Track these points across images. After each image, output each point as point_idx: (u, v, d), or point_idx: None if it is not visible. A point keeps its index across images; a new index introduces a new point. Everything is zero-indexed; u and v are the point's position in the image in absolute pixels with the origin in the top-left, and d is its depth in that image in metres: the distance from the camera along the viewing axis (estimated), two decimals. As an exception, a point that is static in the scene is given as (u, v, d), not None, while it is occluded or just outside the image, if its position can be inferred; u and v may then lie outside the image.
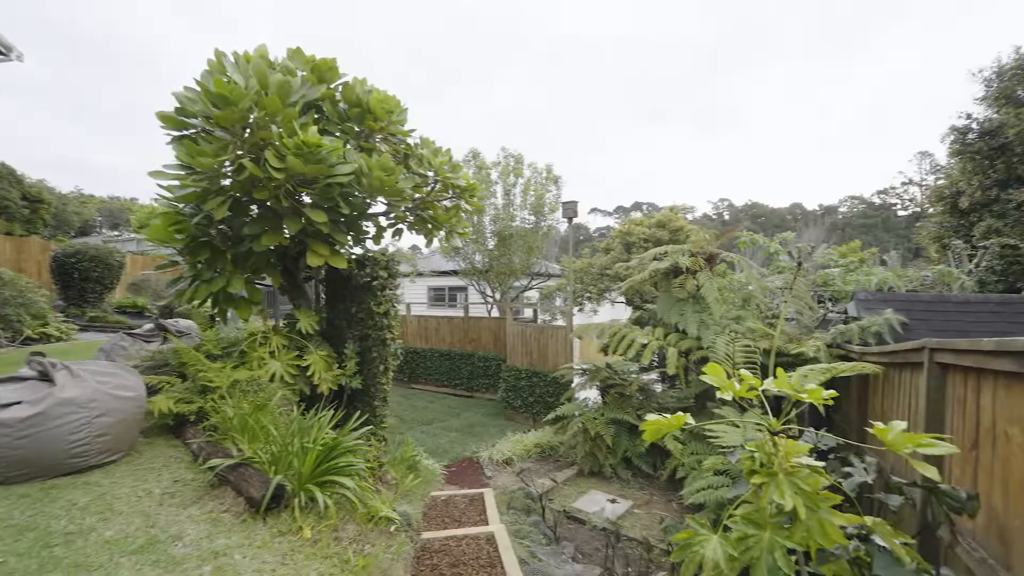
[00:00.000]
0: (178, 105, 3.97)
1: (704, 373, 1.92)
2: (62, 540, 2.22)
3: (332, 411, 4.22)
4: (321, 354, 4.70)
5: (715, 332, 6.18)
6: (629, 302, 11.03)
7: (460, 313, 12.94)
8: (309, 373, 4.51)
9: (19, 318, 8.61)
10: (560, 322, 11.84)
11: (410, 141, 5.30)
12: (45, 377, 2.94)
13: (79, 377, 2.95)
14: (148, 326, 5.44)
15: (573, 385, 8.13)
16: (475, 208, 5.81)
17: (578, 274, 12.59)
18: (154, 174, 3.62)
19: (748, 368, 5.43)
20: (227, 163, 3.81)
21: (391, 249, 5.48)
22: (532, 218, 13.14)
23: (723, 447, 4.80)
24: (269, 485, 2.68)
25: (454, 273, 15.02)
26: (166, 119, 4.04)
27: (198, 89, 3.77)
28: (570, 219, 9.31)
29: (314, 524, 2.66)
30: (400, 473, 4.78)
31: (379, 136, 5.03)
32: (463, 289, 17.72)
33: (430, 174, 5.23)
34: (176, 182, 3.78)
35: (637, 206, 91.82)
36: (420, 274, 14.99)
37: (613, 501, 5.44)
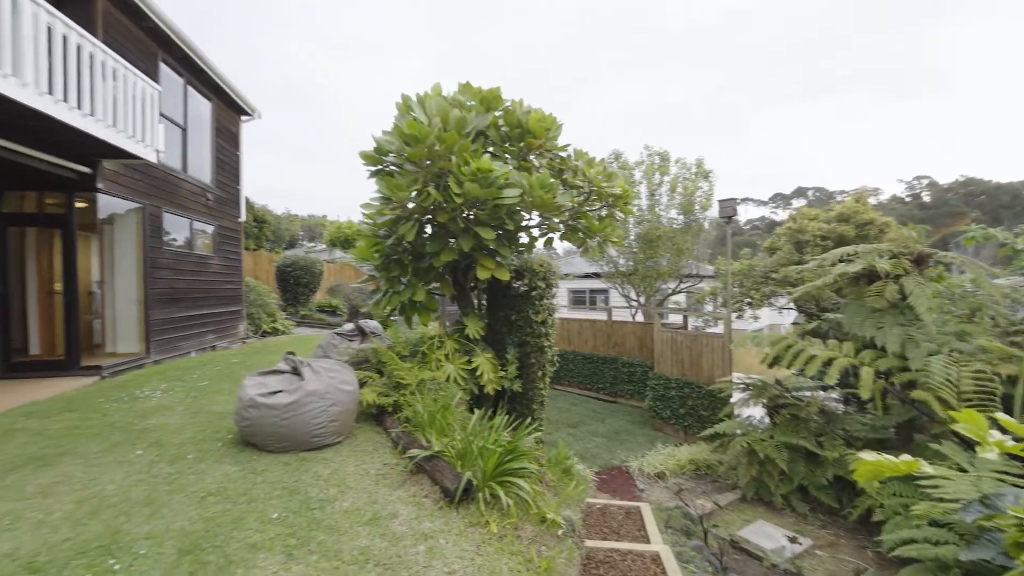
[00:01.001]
0: (375, 145, 4.71)
1: (911, 399, 1.61)
2: (317, 505, 2.82)
3: (494, 411, 4.59)
4: (487, 356, 5.11)
5: (928, 351, 5.08)
6: (801, 309, 9.68)
7: (602, 316, 12.83)
8: (477, 375, 4.95)
9: (259, 316, 11.08)
10: (715, 329, 10.95)
11: (562, 154, 5.47)
12: (296, 372, 3.77)
13: (318, 373, 3.71)
14: (349, 326, 6.55)
15: (733, 400, 7.47)
16: (628, 215, 5.72)
17: (737, 277, 11.48)
18: (364, 206, 4.36)
19: (983, 400, 4.35)
20: (414, 191, 4.40)
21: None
22: (680, 217, 12.40)
23: (946, 498, 3.91)
24: (460, 480, 3.03)
25: (595, 276, 14.96)
26: (367, 157, 4.82)
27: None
28: (728, 218, 8.54)
29: (498, 520, 2.92)
30: (556, 476, 4.95)
31: (535, 152, 5.28)
32: (604, 292, 17.54)
33: (583, 184, 5.31)
34: (375, 210, 4.50)
35: (801, 192, 79.83)
36: (563, 276, 15.24)
37: (793, 539, 4.84)
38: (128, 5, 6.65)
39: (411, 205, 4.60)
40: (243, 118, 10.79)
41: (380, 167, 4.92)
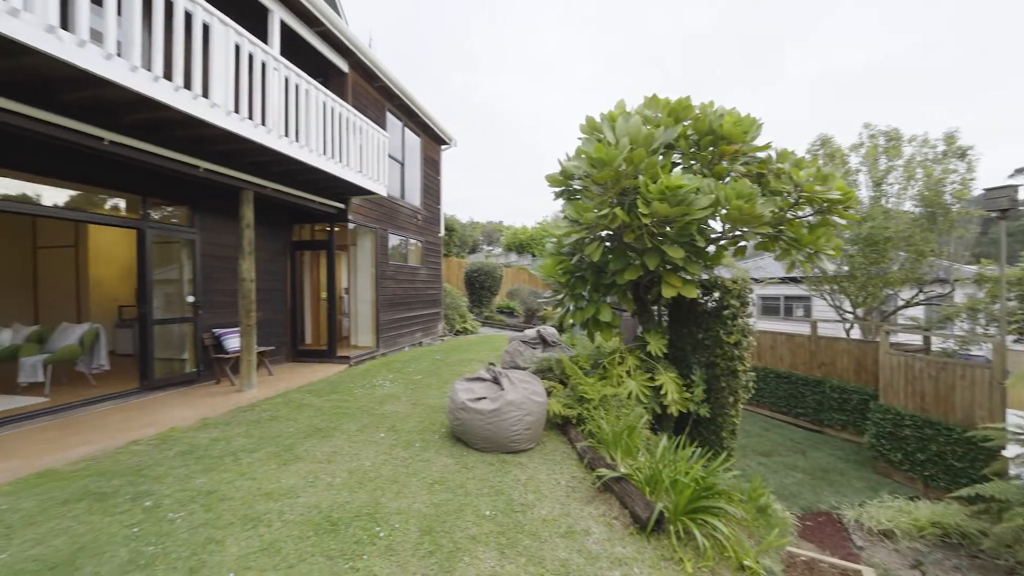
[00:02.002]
0: (561, 169, 4.97)
1: None
2: (519, 509, 3.15)
3: (678, 434, 4.39)
4: (671, 376, 4.93)
5: None
6: None
7: (803, 329, 11.05)
8: (661, 394, 4.82)
9: (453, 317, 12.68)
10: (980, 354, 8.41)
11: (761, 155, 4.91)
12: (496, 381, 4.25)
13: (514, 384, 4.13)
14: (532, 333, 7.06)
15: (1007, 455, 5.67)
16: (851, 220, 4.84)
17: (1014, 287, 8.61)
18: (552, 227, 4.65)
19: None
20: (598, 211, 4.51)
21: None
22: (917, 210, 9.86)
23: None
24: (651, 509, 3.02)
25: (794, 280, 12.94)
26: (552, 180, 5.12)
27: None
28: (1003, 211, 6.46)
29: (693, 560, 2.82)
30: (750, 514, 4.49)
31: (729, 158, 4.86)
32: (804, 300, 15.05)
33: (789, 189, 4.68)
34: (563, 231, 4.75)
35: None
36: (756, 282, 13.60)
37: None
38: (367, 72, 8.36)
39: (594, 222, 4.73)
40: (442, 147, 12.53)
41: (565, 188, 5.18)
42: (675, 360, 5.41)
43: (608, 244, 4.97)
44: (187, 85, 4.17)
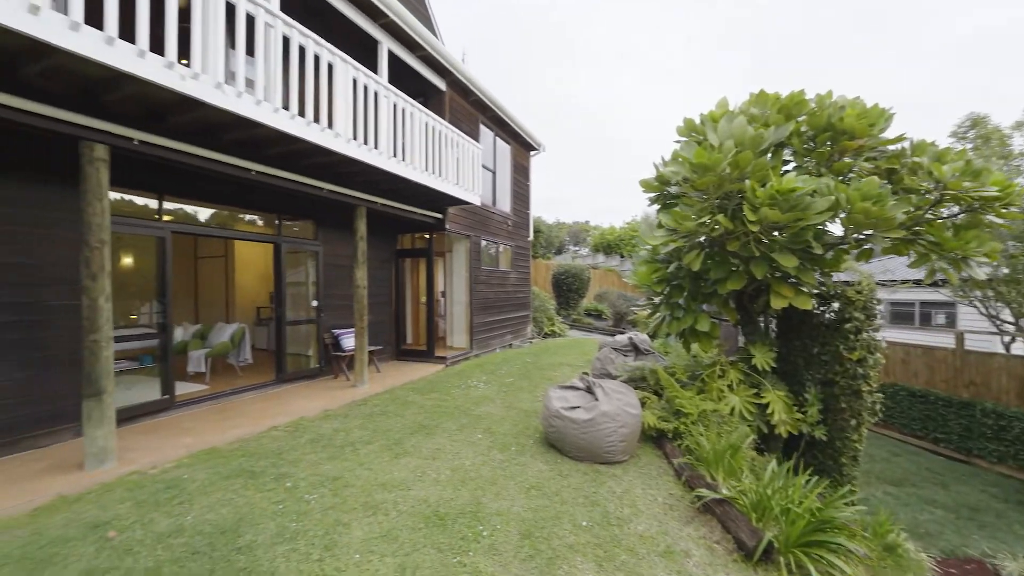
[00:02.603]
0: (657, 174, 4.84)
1: None
2: (616, 522, 3.16)
3: (787, 457, 4.06)
4: (779, 394, 4.58)
5: None
6: None
7: (945, 341, 9.52)
8: (768, 412, 4.49)
9: (541, 319, 12.83)
10: None
11: (892, 147, 4.35)
12: (590, 391, 4.28)
13: (608, 395, 4.12)
14: (623, 339, 6.94)
15: None
16: (1013, 220, 4.11)
17: None
18: (649, 238, 4.56)
19: None
20: (698, 219, 4.32)
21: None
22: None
23: None
24: (758, 537, 2.86)
25: (933, 284, 11.15)
26: (647, 185, 5.00)
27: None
28: None
29: (809, 598, 2.62)
30: (874, 552, 4.02)
31: (852, 154, 4.38)
32: (947, 307, 12.92)
33: (928, 186, 4.10)
34: (660, 240, 4.62)
35: None
36: (883, 285, 12.02)
37: None
38: (462, 88, 8.81)
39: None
40: (532, 153, 12.76)
41: (660, 193, 5.04)
42: (784, 375, 5.00)
43: (708, 251, 4.75)
44: (316, 119, 4.77)
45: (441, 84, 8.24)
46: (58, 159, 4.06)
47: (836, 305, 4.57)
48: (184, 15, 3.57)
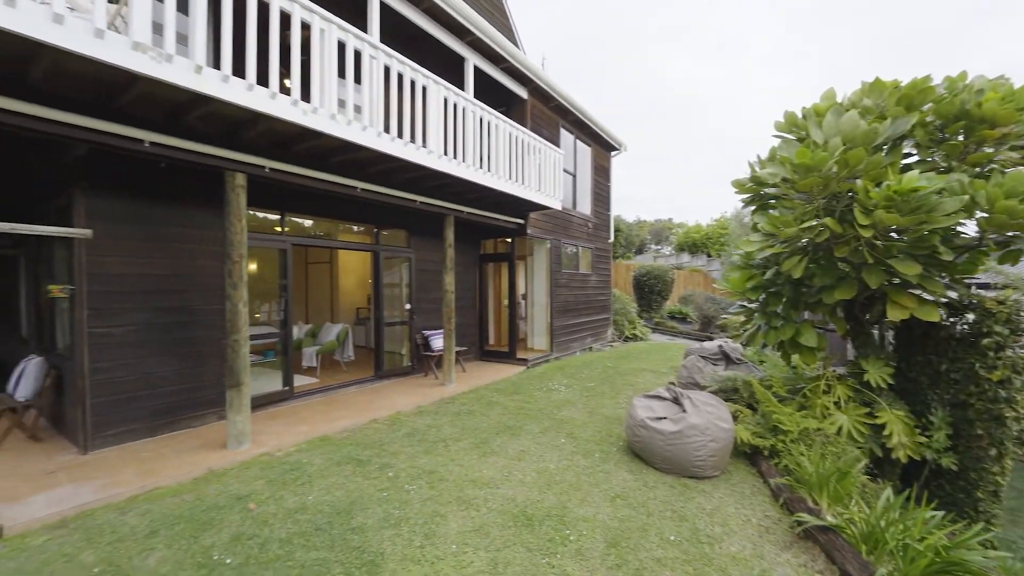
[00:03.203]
0: (751, 175, 4.58)
1: None
2: (706, 540, 3.08)
3: (906, 486, 3.63)
4: (899, 414, 4.12)
5: None
6: None
7: None
8: (885, 433, 4.06)
9: (622, 323, 12.59)
10: None
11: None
12: (677, 402, 4.18)
13: (697, 407, 4.00)
14: (712, 347, 6.62)
15: None
16: None
17: None
18: (743, 243, 4.34)
19: None
20: (800, 223, 4.03)
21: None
22: None
23: None
24: (869, 572, 2.63)
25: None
26: (740, 187, 4.75)
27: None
28: None
29: (933, 646, 2.37)
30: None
31: (991, 144, 3.82)
32: None
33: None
34: (756, 245, 4.38)
35: None
36: None
37: None
38: (543, 94, 8.94)
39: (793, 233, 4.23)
40: (612, 153, 12.56)
41: (755, 195, 4.76)
42: (904, 394, 4.48)
43: (812, 257, 4.40)
44: (412, 139, 5.17)
45: (523, 92, 8.44)
46: (206, 187, 4.83)
47: (971, 316, 4.00)
48: (301, 47, 4.08)
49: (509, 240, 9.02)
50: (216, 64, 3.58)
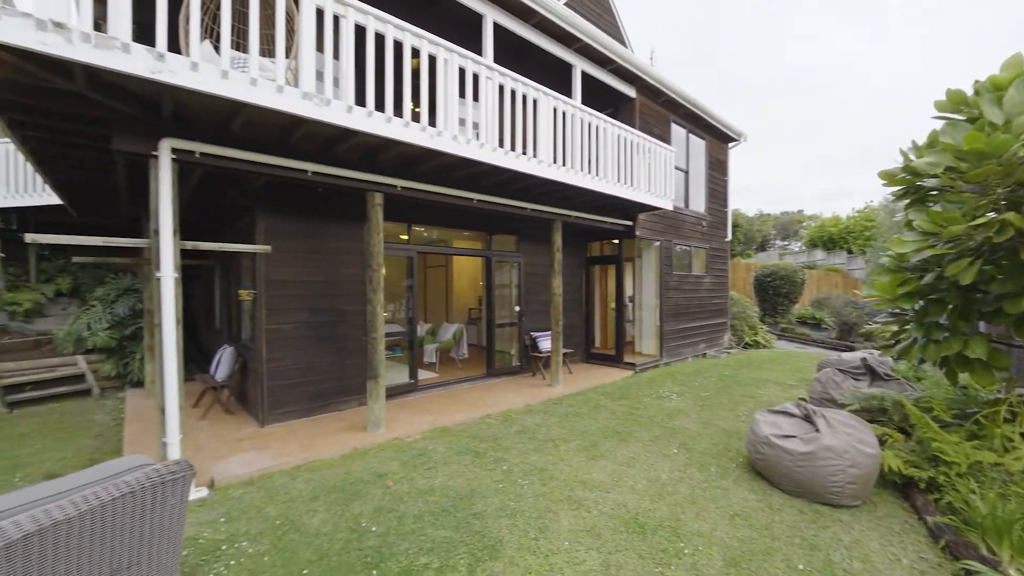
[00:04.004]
0: (904, 164, 3.99)
1: None
2: (843, 574, 2.80)
3: None
4: (1119, 457, 3.28)
5: None
6: None
7: None
8: (1096, 479, 3.27)
9: (740, 328, 11.64)
10: None
11: None
12: (808, 419, 3.83)
13: (833, 428, 3.62)
14: (853, 360, 5.85)
15: None
16: None
17: None
18: (896, 242, 3.82)
19: None
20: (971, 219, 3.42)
21: None
22: None
23: None
24: (1071, 643, 2.18)
25: None
26: (889, 178, 4.17)
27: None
28: None
29: None
30: None
31: None
32: None
33: None
34: (911, 246, 3.81)
35: None
36: None
37: None
38: (652, 91, 8.67)
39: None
40: (730, 145, 11.67)
41: (909, 188, 4.13)
42: None
43: (988, 259, 3.70)
44: (524, 151, 5.44)
45: (630, 91, 8.28)
46: (349, 206, 5.59)
47: None
48: (416, 73, 4.54)
49: (616, 242, 8.91)
50: (360, 101, 4.16)
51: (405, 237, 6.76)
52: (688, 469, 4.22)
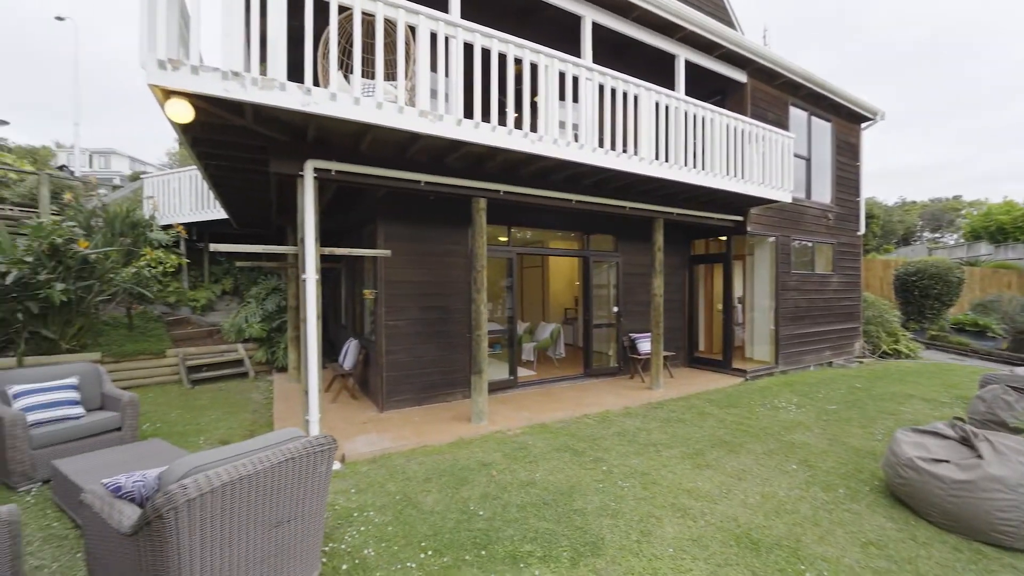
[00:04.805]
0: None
1: None
2: (1015, 627, 2.38)
3: None
4: None
5: None
6: None
7: None
8: None
9: (876, 334, 10.20)
10: None
11: None
12: (966, 443, 3.28)
13: (1002, 454, 3.07)
14: (1028, 377, 4.83)
15: None
16: None
17: None
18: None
19: None
20: None
21: None
22: None
23: None
24: None
25: None
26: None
27: None
28: None
29: None
30: None
31: None
32: None
33: None
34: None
35: None
36: None
37: None
38: (766, 74, 7.96)
39: None
40: (863, 125, 10.26)
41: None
42: None
43: None
44: (624, 149, 5.37)
45: (740, 76, 7.69)
46: (455, 212, 5.99)
47: None
48: (518, 79, 4.70)
49: (724, 239, 8.33)
50: (468, 113, 4.45)
51: (504, 239, 7.04)
52: (810, 488, 3.85)
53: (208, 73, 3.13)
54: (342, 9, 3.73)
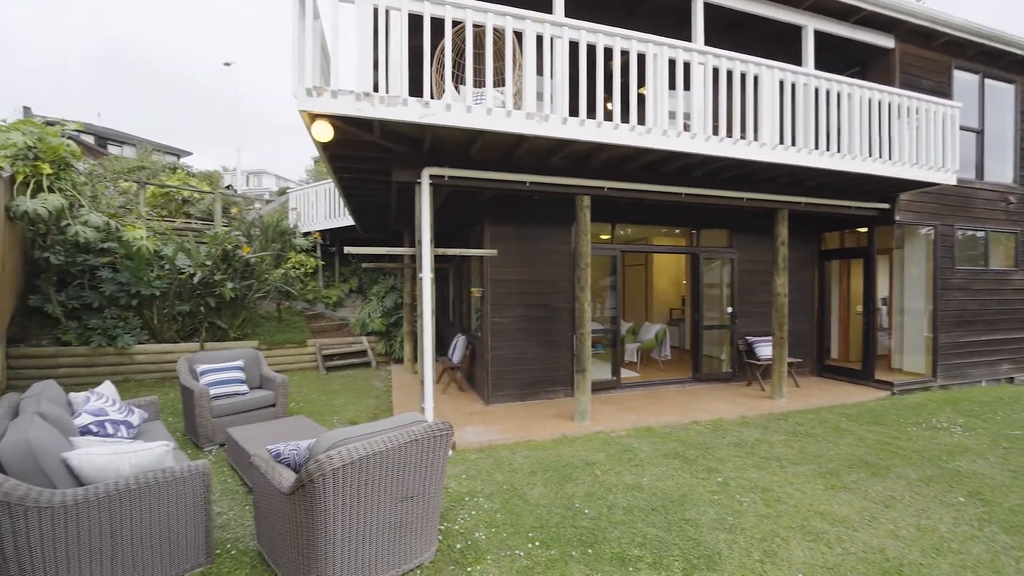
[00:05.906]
0: None
1: None
2: None
3: None
4: None
5: None
6: None
7: None
8: None
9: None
10: None
11: None
12: None
13: None
14: None
15: None
16: None
17: None
18: None
19: None
20: None
21: None
22: None
23: None
24: None
25: None
26: None
27: None
28: None
29: None
30: None
31: None
32: None
33: None
34: None
35: None
36: None
37: None
38: (921, 35, 6.75)
39: None
40: (1063, 84, 8.20)
41: None
42: None
43: None
44: (742, 135, 4.95)
45: (886, 42, 6.62)
46: (558, 211, 6.02)
47: None
48: (624, 71, 4.55)
49: (865, 230, 7.26)
50: (573, 111, 4.46)
51: (607, 237, 6.90)
52: (986, 527, 3.20)
53: (344, 96, 3.55)
54: (455, 23, 3.97)
